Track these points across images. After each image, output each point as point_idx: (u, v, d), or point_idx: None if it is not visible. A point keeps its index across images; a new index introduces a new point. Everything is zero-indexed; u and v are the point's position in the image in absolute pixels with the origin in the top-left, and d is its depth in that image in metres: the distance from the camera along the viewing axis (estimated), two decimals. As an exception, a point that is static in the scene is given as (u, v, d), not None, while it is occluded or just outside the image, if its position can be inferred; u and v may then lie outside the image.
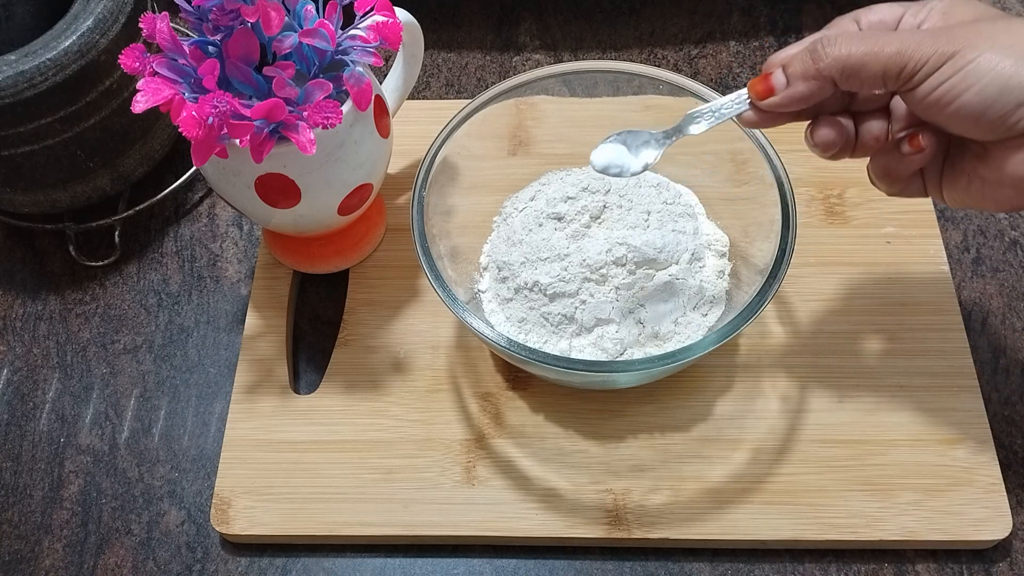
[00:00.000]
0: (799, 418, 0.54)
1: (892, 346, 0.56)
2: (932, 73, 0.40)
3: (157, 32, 0.47)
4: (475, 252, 0.57)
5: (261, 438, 0.55)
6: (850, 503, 0.51)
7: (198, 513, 0.54)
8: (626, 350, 0.52)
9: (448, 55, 0.73)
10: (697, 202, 0.58)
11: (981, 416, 0.53)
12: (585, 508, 0.52)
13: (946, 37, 0.40)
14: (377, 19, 0.49)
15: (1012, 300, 0.59)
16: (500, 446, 0.54)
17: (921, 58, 0.40)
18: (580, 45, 0.73)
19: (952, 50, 0.39)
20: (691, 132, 0.46)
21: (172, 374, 0.59)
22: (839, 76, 0.41)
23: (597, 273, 0.52)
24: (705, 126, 0.46)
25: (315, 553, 0.53)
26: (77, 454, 0.56)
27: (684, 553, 0.52)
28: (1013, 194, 0.42)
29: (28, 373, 0.60)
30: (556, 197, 0.55)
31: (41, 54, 0.54)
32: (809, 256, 0.59)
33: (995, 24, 0.40)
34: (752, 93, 0.44)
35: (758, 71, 0.70)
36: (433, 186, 0.52)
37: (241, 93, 0.49)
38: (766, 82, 0.43)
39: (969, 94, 0.39)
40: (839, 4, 0.74)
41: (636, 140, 0.48)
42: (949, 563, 0.51)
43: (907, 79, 0.40)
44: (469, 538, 0.52)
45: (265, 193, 0.51)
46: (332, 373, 0.57)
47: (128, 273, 0.63)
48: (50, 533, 0.54)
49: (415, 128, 0.61)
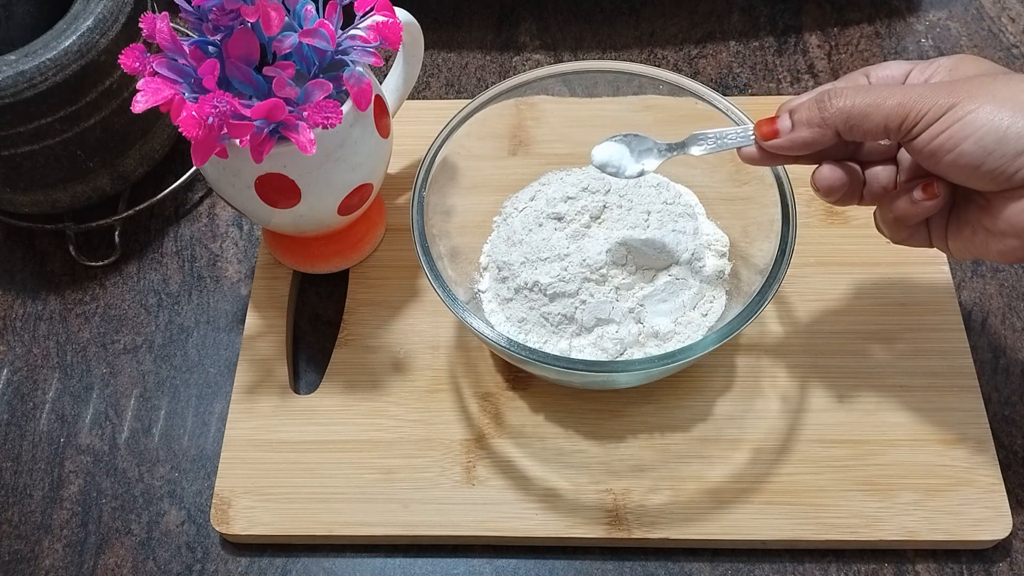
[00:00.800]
0: (799, 418, 0.54)
1: (892, 346, 0.56)
2: (932, 124, 0.41)
3: (157, 32, 0.47)
4: (475, 252, 0.57)
5: (261, 438, 0.55)
6: (850, 503, 0.51)
7: (198, 513, 0.54)
8: (626, 350, 0.52)
9: (448, 55, 0.73)
10: (697, 202, 0.58)
11: (981, 416, 0.53)
12: (585, 508, 0.52)
13: (946, 90, 0.41)
14: (377, 19, 0.49)
15: (1012, 300, 0.59)
16: (500, 446, 0.54)
17: (921, 109, 0.41)
18: (580, 45, 0.73)
19: (951, 102, 0.41)
20: (692, 152, 0.48)
21: (172, 374, 0.59)
22: (843, 126, 0.43)
23: (597, 273, 0.52)
24: (706, 150, 0.48)
25: (315, 553, 0.53)
26: (77, 454, 0.56)
27: (684, 553, 0.52)
28: (1017, 244, 0.42)
29: (28, 373, 0.60)
30: (556, 197, 0.55)
31: (41, 54, 0.54)
32: (809, 256, 0.59)
33: (996, 78, 0.42)
34: (757, 132, 0.46)
35: (758, 71, 0.70)
36: (433, 186, 0.52)
37: (241, 93, 0.49)
38: (772, 124, 0.45)
39: (967, 144, 0.40)
40: (839, 4, 0.74)
41: (640, 145, 0.49)
42: (949, 563, 0.51)
43: (908, 130, 0.42)
44: (469, 538, 0.52)
45: (265, 193, 0.51)
46: (332, 373, 0.57)
47: (128, 273, 0.63)
48: (50, 533, 0.54)
49: (415, 128, 0.61)
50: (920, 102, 0.41)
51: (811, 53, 0.71)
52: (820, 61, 0.71)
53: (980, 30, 0.72)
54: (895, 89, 0.42)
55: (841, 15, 0.73)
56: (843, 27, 0.73)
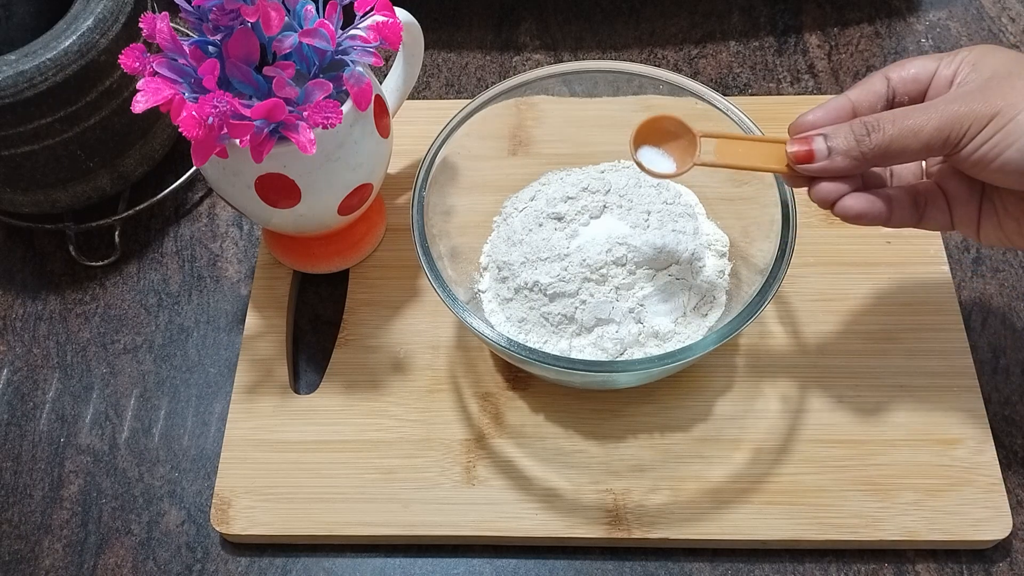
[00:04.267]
0: (799, 418, 0.54)
1: (892, 346, 0.56)
2: (975, 136, 0.41)
3: (157, 32, 0.47)
4: (475, 252, 0.57)
5: (261, 438, 0.55)
6: (850, 503, 0.51)
7: (198, 513, 0.54)
8: (626, 350, 0.52)
9: (448, 55, 0.73)
10: (697, 202, 0.58)
11: (981, 416, 0.53)
12: (585, 508, 0.52)
13: (982, 99, 0.41)
14: (377, 19, 0.49)
15: (1012, 300, 0.59)
16: (500, 446, 0.54)
17: (962, 127, 0.41)
18: (580, 45, 0.73)
19: (991, 111, 0.41)
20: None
21: (172, 374, 0.59)
22: (880, 159, 0.43)
23: (597, 273, 0.52)
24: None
25: (315, 553, 0.53)
26: (77, 454, 0.56)
27: (684, 553, 0.52)
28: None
29: (28, 373, 0.60)
30: (556, 197, 0.55)
31: (41, 54, 0.54)
32: (809, 256, 0.59)
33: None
34: (790, 154, 0.45)
35: (758, 71, 0.70)
36: (433, 186, 0.52)
37: (241, 93, 0.49)
38: (807, 145, 0.44)
39: (1012, 151, 0.41)
40: (839, 4, 0.74)
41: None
42: (949, 563, 0.51)
43: (952, 146, 0.42)
44: (469, 538, 0.52)
45: (265, 193, 0.51)
46: (332, 373, 0.57)
47: (128, 273, 0.63)
48: (50, 533, 0.54)
49: (415, 128, 0.61)
50: (960, 121, 0.41)
51: (811, 53, 0.71)
52: (820, 61, 0.71)
53: (980, 30, 0.72)
54: (930, 111, 0.42)
55: (841, 15, 0.73)
56: (843, 27, 0.73)
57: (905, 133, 0.42)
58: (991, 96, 0.41)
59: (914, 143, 0.42)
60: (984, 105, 0.41)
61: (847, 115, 0.45)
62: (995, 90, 0.41)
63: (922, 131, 0.42)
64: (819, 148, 0.44)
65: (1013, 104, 0.41)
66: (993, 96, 0.41)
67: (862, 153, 0.43)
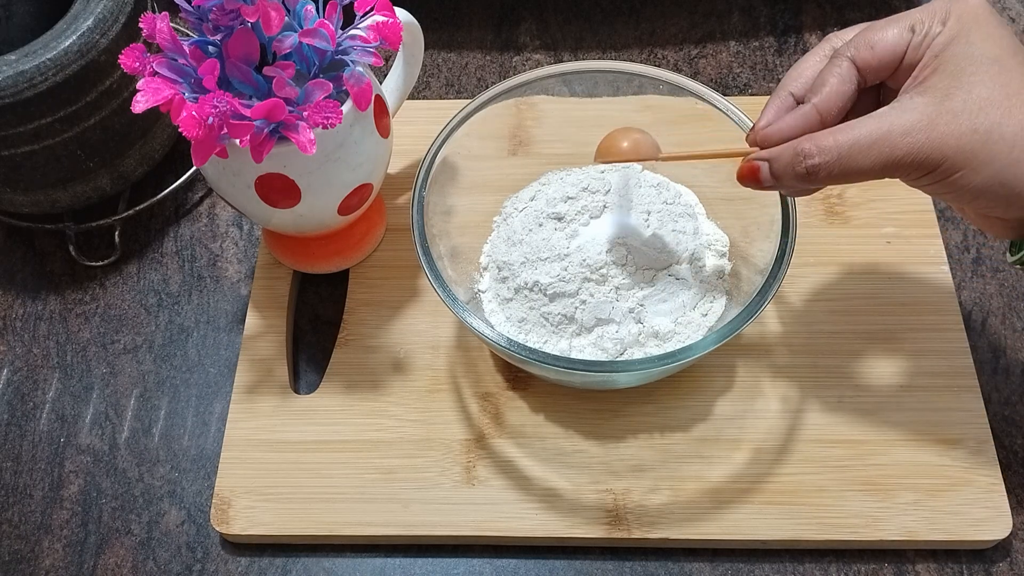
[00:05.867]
0: (799, 418, 0.54)
1: (892, 346, 0.56)
2: (920, 178, 0.42)
3: (157, 32, 0.47)
4: (475, 252, 0.57)
5: (261, 438, 0.55)
6: (850, 503, 0.51)
7: (198, 513, 0.54)
8: (626, 350, 0.52)
9: (448, 55, 0.73)
10: (697, 202, 0.58)
11: (981, 416, 0.53)
12: (585, 508, 0.52)
13: (926, 137, 0.40)
14: (377, 19, 0.49)
15: (1012, 300, 0.59)
16: (500, 446, 0.54)
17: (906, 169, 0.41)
18: (580, 45, 0.73)
19: (938, 159, 0.41)
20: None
21: (172, 374, 0.59)
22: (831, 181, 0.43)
23: (597, 273, 0.52)
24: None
25: (315, 553, 0.53)
26: (77, 454, 0.56)
27: (684, 553, 0.52)
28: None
29: (28, 373, 0.60)
30: (556, 197, 0.55)
31: (41, 54, 0.54)
32: (809, 256, 0.59)
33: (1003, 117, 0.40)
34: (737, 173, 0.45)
35: (758, 71, 0.70)
36: (433, 186, 0.52)
37: (241, 93, 0.49)
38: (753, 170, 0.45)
39: (961, 194, 0.42)
40: (839, 4, 0.74)
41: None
42: (949, 563, 0.51)
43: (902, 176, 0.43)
44: (469, 538, 0.52)
45: (265, 193, 0.51)
46: (332, 373, 0.57)
47: (128, 273, 0.63)
48: (50, 533, 0.54)
49: (415, 128, 0.61)
50: (902, 162, 0.41)
51: (811, 53, 0.71)
52: (820, 61, 0.71)
53: (980, 30, 0.72)
54: (872, 150, 0.41)
55: (841, 15, 0.73)
56: (843, 27, 0.72)
57: (848, 171, 0.42)
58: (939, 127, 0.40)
59: (860, 177, 0.42)
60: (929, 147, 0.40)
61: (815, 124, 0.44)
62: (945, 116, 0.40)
63: (865, 171, 0.41)
64: (764, 176, 0.44)
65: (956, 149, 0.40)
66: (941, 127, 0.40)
67: (808, 179, 0.43)
